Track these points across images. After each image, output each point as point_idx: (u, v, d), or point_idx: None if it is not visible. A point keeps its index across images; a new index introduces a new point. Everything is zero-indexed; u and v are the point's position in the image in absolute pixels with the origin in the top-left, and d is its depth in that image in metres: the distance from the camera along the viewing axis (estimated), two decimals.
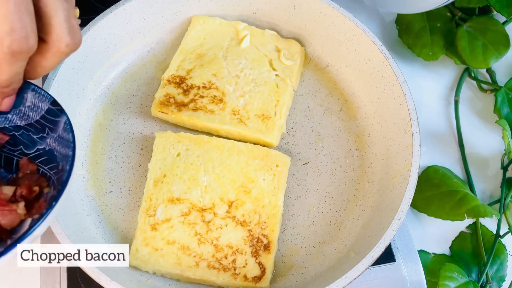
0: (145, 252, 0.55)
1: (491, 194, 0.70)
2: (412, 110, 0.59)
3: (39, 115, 0.50)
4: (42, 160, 0.50)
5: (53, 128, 0.49)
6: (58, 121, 0.48)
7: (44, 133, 0.50)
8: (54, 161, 0.49)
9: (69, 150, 0.47)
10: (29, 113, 0.50)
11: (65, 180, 0.44)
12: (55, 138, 0.49)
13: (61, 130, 0.48)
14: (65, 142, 0.48)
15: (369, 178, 0.62)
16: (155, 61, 0.69)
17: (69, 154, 0.46)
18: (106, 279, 0.50)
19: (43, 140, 0.50)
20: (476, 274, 0.65)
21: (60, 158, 0.48)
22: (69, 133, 0.47)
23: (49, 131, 0.49)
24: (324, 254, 0.58)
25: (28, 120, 0.50)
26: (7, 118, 0.50)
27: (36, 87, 0.49)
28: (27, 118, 0.50)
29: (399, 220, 0.54)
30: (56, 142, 0.49)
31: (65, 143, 0.48)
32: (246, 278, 0.55)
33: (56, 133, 0.49)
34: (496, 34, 0.74)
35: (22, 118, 0.50)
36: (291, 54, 0.68)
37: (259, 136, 0.62)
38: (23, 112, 0.50)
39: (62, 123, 0.48)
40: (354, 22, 0.64)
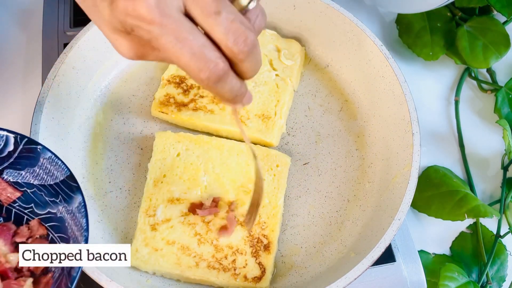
0: (145, 252, 0.55)
1: (492, 194, 0.70)
2: (412, 110, 0.59)
3: (53, 181, 0.49)
4: (53, 226, 0.49)
5: (67, 200, 0.48)
6: (73, 196, 0.48)
7: (57, 198, 0.49)
8: (65, 232, 0.48)
9: (81, 238, 0.46)
10: (43, 175, 0.49)
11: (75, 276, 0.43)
12: (68, 210, 0.48)
13: (75, 208, 0.47)
14: (77, 223, 0.47)
15: (369, 178, 0.62)
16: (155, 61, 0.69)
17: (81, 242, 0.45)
18: (106, 279, 0.50)
19: (55, 205, 0.49)
20: (476, 274, 0.65)
21: (71, 234, 0.47)
22: (83, 218, 0.46)
23: (63, 200, 0.49)
24: (324, 254, 0.58)
25: (42, 181, 0.50)
26: (20, 174, 0.50)
27: (53, 156, 0.48)
28: (41, 179, 0.50)
29: (399, 220, 0.54)
30: (69, 215, 0.48)
31: (77, 224, 0.47)
32: (246, 278, 0.55)
33: (70, 206, 0.48)
34: (497, 34, 0.73)
35: (36, 178, 0.50)
36: (291, 54, 0.68)
37: (259, 136, 0.62)
38: (37, 173, 0.50)
39: (77, 202, 0.47)
40: (354, 22, 0.64)
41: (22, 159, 0.49)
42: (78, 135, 0.62)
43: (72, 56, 0.61)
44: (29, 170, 0.50)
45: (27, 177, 0.50)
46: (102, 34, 0.63)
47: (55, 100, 0.59)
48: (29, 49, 0.74)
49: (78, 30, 0.62)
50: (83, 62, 0.62)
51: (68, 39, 0.71)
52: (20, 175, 0.50)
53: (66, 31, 0.72)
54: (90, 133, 0.63)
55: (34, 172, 0.50)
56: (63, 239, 0.48)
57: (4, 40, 0.75)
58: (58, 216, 0.49)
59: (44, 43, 0.71)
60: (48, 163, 0.49)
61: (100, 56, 0.64)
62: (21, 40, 0.75)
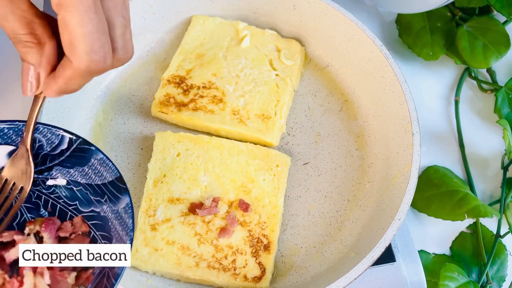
0: (145, 252, 0.55)
1: (492, 194, 0.70)
2: (412, 110, 0.59)
3: (101, 181, 0.50)
4: (96, 224, 0.50)
5: (113, 201, 0.49)
6: (120, 197, 0.49)
7: (102, 198, 0.50)
8: (108, 231, 0.49)
9: (126, 237, 0.47)
10: (91, 175, 0.50)
11: (119, 273, 0.45)
12: (113, 210, 0.49)
13: (121, 209, 0.48)
14: (122, 223, 0.48)
15: (369, 178, 0.62)
16: (155, 61, 0.69)
17: (127, 242, 0.46)
18: None
19: (99, 204, 0.50)
20: (476, 274, 0.65)
21: (114, 233, 0.48)
22: (130, 219, 0.47)
23: (108, 200, 0.50)
24: (324, 254, 0.58)
25: (90, 180, 0.51)
26: (69, 172, 0.51)
27: (104, 157, 0.50)
28: (89, 178, 0.51)
29: (399, 220, 0.54)
30: (113, 214, 0.49)
31: (122, 224, 0.48)
32: (246, 278, 0.55)
33: (116, 207, 0.49)
34: (497, 34, 0.73)
35: (83, 177, 0.51)
36: (291, 54, 0.68)
37: (259, 136, 0.62)
38: (86, 172, 0.51)
39: (124, 203, 0.48)
40: (354, 22, 0.64)
41: (73, 158, 0.50)
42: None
43: None
44: (78, 169, 0.51)
45: (75, 176, 0.51)
46: None
47: (55, 100, 0.59)
48: None
49: None
50: None
51: None
52: (68, 173, 0.51)
53: None
54: (90, 133, 0.63)
55: (83, 171, 0.51)
56: (105, 238, 0.49)
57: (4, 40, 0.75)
58: (102, 215, 0.50)
59: None
60: (98, 164, 0.50)
61: None
62: None
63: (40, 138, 0.50)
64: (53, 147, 0.50)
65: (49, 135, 0.50)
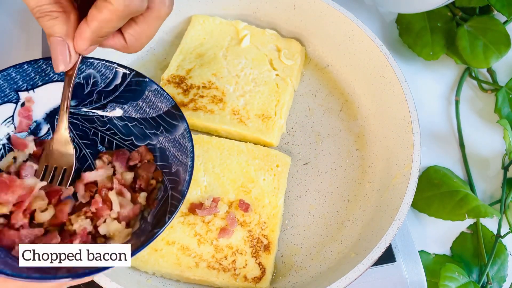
0: (144, 252, 0.55)
1: (492, 194, 0.70)
2: (413, 110, 0.59)
3: (156, 113, 0.51)
4: (154, 155, 0.52)
5: (169, 130, 0.50)
6: (176, 125, 0.50)
7: (158, 130, 0.51)
8: (166, 160, 0.50)
9: (187, 159, 0.48)
10: (146, 108, 0.51)
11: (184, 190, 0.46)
12: (169, 139, 0.50)
13: (178, 135, 0.50)
14: (181, 148, 0.49)
15: (370, 178, 0.62)
16: (155, 61, 0.69)
17: (188, 163, 0.47)
18: (106, 279, 0.50)
19: (155, 136, 0.52)
20: (476, 274, 0.65)
21: (173, 160, 0.49)
22: (189, 142, 0.48)
23: (164, 131, 0.51)
24: (325, 255, 0.58)
25: (144, 114, 0.51)
26: (123, 108, 0.52)
27: (159, 88, 0.50)
28: (143, 112, 0.51)
29: (399, 221, 0.53)
30: (170, 143, 0.50)
31: (181, 149, 0.49)
32: (246, 279, 0.55)
33: (172, 135, 0.50)
34: (497, 34, 0.73)
35: (138, 111, 0.52)
36: (291, 54, 0.68)
37: (259, 136, 0.62)
38: (140, 106, 0.51)
39: (181, 129, 0.49)
40: (354, 21, 0.64)
41: (127, 93, 0.51)
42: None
43: None
44: (132, 104, 0.51)
45: (129, 111, 0.52)
46: None
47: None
48: (29, 49, 0.74)
49: None
50: None
51: None
52: (123, 109, 0.52)
53: None
54: None
55: (137, 106, 0.51)
56: (164, 167, 0.50)
57: (4, 40, 0.75)
58: (158, 146, 0.51)
59: (44, 43, 0.71)
60: (153, 95, 0.50)
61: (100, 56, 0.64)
62: (21, 40, 0.75)
63: (95, 74, 0.50)
64: (107, 82, 0.51)
65: (103, 69, 0.51)
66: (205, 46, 0.67)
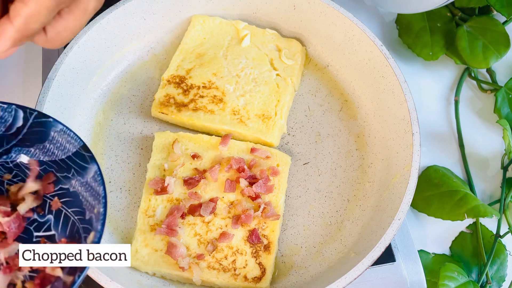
0: (144, 253, 0.55)
1: (491, 194, 0.70)
2: (412, 110, 0.59)
3: (65, 155, 0.48)
4: (66, 201, 0.48)
5: (80, 172, 0.47)
6: (87, 167, 0.47)
7: (69, 173, 0.48)
8: (80, 206, 0.47)
9: (99, 206, 0.45)
10: (54, 150, 0.48)
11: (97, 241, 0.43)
12: (81, 183, 0.47)
13: (90, 178, 0.46)
14: (93, 193, 0.46)
15: (369, 178, 0.62)
16: (155, 61, 0.69)
17: (100, 210, 0.44)
18: (106, 279, 0.50)
19: (67, 180, 0.48)
20: (476, 274, 0.65)
21: (87, 206, 0.46)
22: (100, 186, 0.45)
23: (76, 173, 0.48)
24: (324, 254, 0.58)
25: (53, 157, 0.48)
26: (29, 151, 0.48)
27: (65, 128, 0.47)
28: (51, 154, 0.48)
29: (399, 220, 0.54)
30: (82, 187, 0.47)
31: (94, 193, 0.46)
32: (246, 279, 0.55)
33: (84, 178, 0.47)
34: (496, 34, 0.73)
35: (45, 154, 0.48)
36: (292, 54, 0.68)
37: (259, 137, 0.62)
38: (47, 148, 0.48)
39: (92, 171, 0.46)
40: (354, 22, 0.64)
41: (32, 135, 0.48)
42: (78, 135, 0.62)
43: (72, 56, 0.61)
44: (39, 146, 0.48)
45: (37, 154, 0.48)
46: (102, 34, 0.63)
47: (55, 100, 0.59)
48: (29, 49, 0.74)
49: None
50: (83, 62, 0.62)
51: None
52: (29, 152, 0.48)
53: None
54: (90, 133, 0.63)
55: (44, 148, 0.48)
56: (78, 213, 0.47)
57: None
58: (71, 191, 0.48)
59: None
60: (59, 136, 0.47)
61: (100, 56, 0.64)
62: None
63: None
64: (7, 126, 0.47)
65: (1, 112, 0.47)
66: (205, 46, 0.67)
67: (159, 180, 0.58)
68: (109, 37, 0.64)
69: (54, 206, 0.49)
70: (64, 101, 0.61)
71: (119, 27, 0.65)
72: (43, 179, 0.49)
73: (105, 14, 0.63)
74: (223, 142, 0.60)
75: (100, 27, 0.62)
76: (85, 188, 0.47)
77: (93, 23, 0.62)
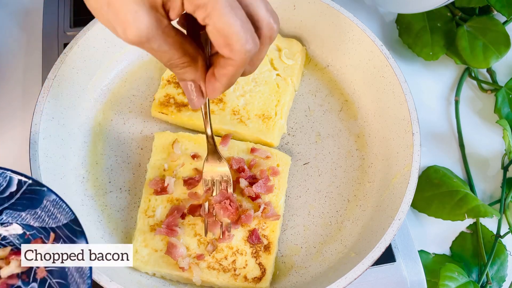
0: (144, 253, 0.55)
1: (492, 194, 0.70)
2: (413, 110, 0.59)
3: (55, 224, 0.48)
4: (52, 271, 0.48)
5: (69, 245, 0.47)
6: (76, 241, 0.46)
7: (58, 242, 0.48)
8: (65, 278, 0.47)
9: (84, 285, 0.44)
10: (45, 217, 0.48)
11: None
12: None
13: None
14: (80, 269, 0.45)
15: (370, 178, 0.62)
16: (155, 61, 0.69)
17: None
18: (106, 279, 0.50)
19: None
20: (476, 274, 0.65)
21: (71, 281, 0.46)
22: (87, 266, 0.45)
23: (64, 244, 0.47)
24: (325, 254, 0.58)
25: (43, 223, 0.48)
26: (20, 215, 0.49)
27: (57, 199, 0.47)
28: (42, 221, 0.48)
29: (399, 220, 0.54)
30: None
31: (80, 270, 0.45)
32: (246, 279, 0.55)
33: None
34: (497, 34, 0.73)
35: (36, 219, 0.49)
36: (292, 54, 0.68)
37: (259, 137, 0.62)
38: (38, 214, 0.48)
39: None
40: (354, 21, 0.64)
41: (24, 200, 0.48)
42: (78, 135, 0.62)
43: (72, 56, 0.61)
44: (30, 212, 0.48)
45: (27, 219, 0.49)
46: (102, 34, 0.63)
47: (55, 100, 0.59)
48: (29, 49, 0.74)
49: (78, 30, 0.62)
50: (83, 62, 0.62)
51: (68, 39, 0.70)
52: (20, 216, 0.49)
53: (66, 31, 0.72)
54: (90, 133, 0.63)
55: (36, 214, 0.48)
56: (62, 286, 0.47)
57: (4, 40, 0.75)
58: None
59: (44, 43, 0.71)
60: (51, 205, 0.48)
61: (100, 56, 0.64)
62: (21, 40, 0.75)
63: None
64: (1, 189, 0.48)
65: None
66: None
67: (159, 180, 0.58)
68: (109, 37, 0.64)
69: (39, 274, 0.48)
70: (64, 101, 0.61)
71: None
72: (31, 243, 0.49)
73: None
74: (223, 142, 0.60)
75: (100, 27, 0.62)
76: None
77: (93, 23, 0.62)
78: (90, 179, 0.61)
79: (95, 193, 0.60)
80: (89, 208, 0.59)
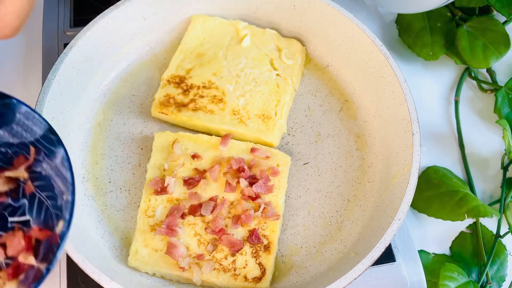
0: (145, 253, 0.55)
1: (491, 194, 0.70)
2: (412, 110, 0.59)
3: (33, 137, 0.46)
4: (39, 185, 0.47)
5: (50, 156, 0.46)
6: (54, 151, 0.45)
7: (39, 155, 0.46)
8: (52, 190, 0.45)
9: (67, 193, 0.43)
10: (22, 132, 0.46)
11: (64, 232, 0.41)
12: (52, 167, 0.46)
13: (58, 163, 0.45)
14: (62, 178, 0.44)
15: (369, 178, 0.62)
16: (155, 61, 0.69)
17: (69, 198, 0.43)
18: (106, 279, 0.50)
19: (38, 163, 0.47)
20: (476, 274, 0.65)
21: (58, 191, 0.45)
22: (68, 171, 0.43)
23: (45, 157, 0.46)
24: (324, 254, 0.58)
25: (22, 139, 0.47)
26: None
27: (29, 109, 0.45)
28: (20, 137, 0.47)
29: (399, 220, 0.54)
30: (53, 171, 0.46)
31: (63, 178, 0.44)
32: (246, 279, 0.55)
33: (53, 162, 0.45)
34: (496, 34, 0.74)
35: (14, 136, 0.47)
36: (292, 54, 0.68)
37: (259, 137, 0.62)
38: (15, 130, 0.47)
39: (59, 156, 0.44)
40: (354, 22, 0.64)
41: None
42: (78, 135, 0.62)
43: (72, 56, 0.61)
44: (7, 129, 0.46)
45: (6, 137, 0.47)
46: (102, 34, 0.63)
47: (55, 100, 0.59)
48: (29, 49, 0.74)
49: (78, 30, 0.62)
50: (83, 62, 0.62)
51: (68, 39, 0.71)
52: None
53: (66, 31, 0.72)
54: (90, 133, 0.63)
55: (12, 130, 0.46)
56: (51, 198, 0.45)
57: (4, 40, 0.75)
58: (44, 174, 0.46)
59: (44, 43, 0.71)
60: (24, 118, 0.45)
61: (100, 56, 0.64)
62: (21, 40, 0.75)
63: None
64: None
65: None
66: (205, 46, 0.67)
67: (159, 180, 0.58)
68: (109, 37, 0.64)
69: (27, 189, 0.47)
70: (64, 101, 0.61)
71: (119, 27, 0.65)
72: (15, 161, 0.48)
73: (105, 14, 0.63)
74: (223, 142, 0.60)
75: (100, 27, 0.62)
76: (55, 173, 0.45)
77: (93, 23, 0.62)
78: (90, 179, 0.61)
79: (95, 193, 0.60)
80: (89, 208, 0.59)
